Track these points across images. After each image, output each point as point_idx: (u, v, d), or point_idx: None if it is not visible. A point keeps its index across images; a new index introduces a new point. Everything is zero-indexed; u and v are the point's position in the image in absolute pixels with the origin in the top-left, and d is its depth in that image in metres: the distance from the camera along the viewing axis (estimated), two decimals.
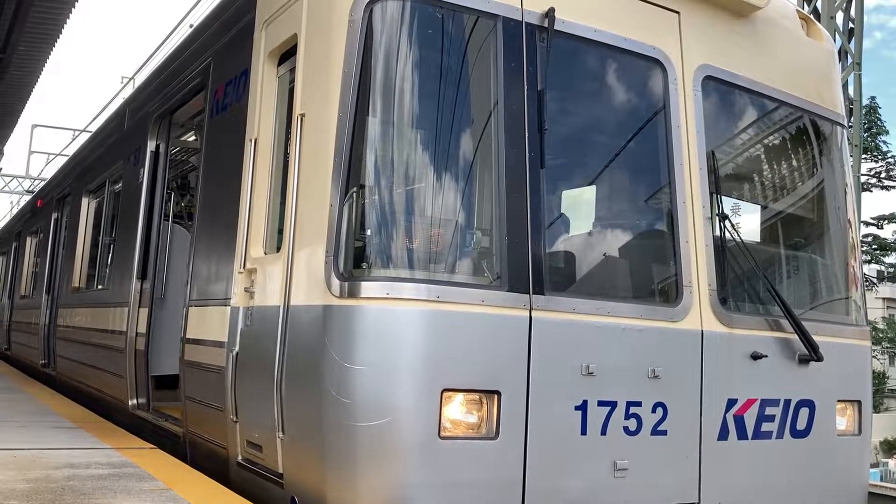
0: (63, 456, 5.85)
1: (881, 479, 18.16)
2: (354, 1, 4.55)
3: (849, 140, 6.74)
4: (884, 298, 54.66)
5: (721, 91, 5.57)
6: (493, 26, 4.68)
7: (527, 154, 4.61)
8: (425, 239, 4.49)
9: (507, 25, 4.70)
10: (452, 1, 4.60)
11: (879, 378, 40.22)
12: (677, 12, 5.38)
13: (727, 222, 5.28)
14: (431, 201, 4.55)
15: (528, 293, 4.46)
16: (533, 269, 4.50)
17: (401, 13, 4.59)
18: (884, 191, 47.62)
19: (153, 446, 6.51)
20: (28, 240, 16.77)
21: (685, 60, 5.34)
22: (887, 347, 45.77)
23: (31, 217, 16.88)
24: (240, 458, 5.23)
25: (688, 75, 5.34)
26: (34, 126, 27.96)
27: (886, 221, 47.78)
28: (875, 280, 48.06)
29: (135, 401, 7.74)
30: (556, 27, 4.78)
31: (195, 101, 7.21)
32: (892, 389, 45.61)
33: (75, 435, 6.96)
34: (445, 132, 4.62)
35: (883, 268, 49.60)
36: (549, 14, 4.77)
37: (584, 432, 4.55)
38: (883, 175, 47.28)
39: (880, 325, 45.12)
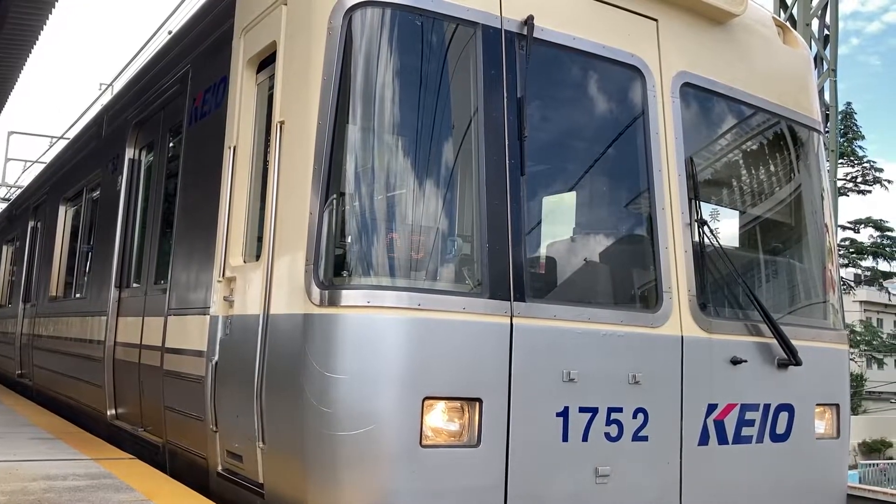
0: (40, 467, 5.77)
1: (860, 481, 18.33)
2: (334, 8, 4.54)
3: (825, 145, 6.81)
4: (861, 302, 55.34)
5: (699, 98, 5.61)
6: (472, 34, 4.69)
7: (507, 161, 4.62)
8: (406, 246, 4.48)
9: (487, 33, 4.71)
10: (432, 9, 4.60)
11: (858, 380, 40.69)
12: (655, 20, 5.41)
13: (706, 228, 5.31)
14: (412, 209, 4.55)
15: (509, 300, 4.46)
16: (514, 276, 4.50)
17: (380, 20, 4.59)
18: (860, 195, 48.29)
19: (132, 457, 6.44)
20: (4, 248, 16.58)
21: (663, 67, 5.38)
22: (865, 350, 46.31)
23: (8, 225, 16.69)
24: (220, 468, 5.19)
25: (666, 82, 5.37)
26: (10, 133, 27.79)
27: (863, 225, 48.44)
28: (852, 283, 48.64)
29: (113, 411, 7.66)
30: (535, 35, 4.80)
31: (174, 108, 7.17)
32: (870, 392, 46.14)
33: (53, 446, 6.88)
34: (425, 139, 4.62)
35: (860, 271, 50.24)
36: (529, 22, 4.79)
37: (565, 439, 4.56)
38: (859, 180, 47.93)
39: (858, 328, 45.65)
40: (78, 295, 9.78)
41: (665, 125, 5.30)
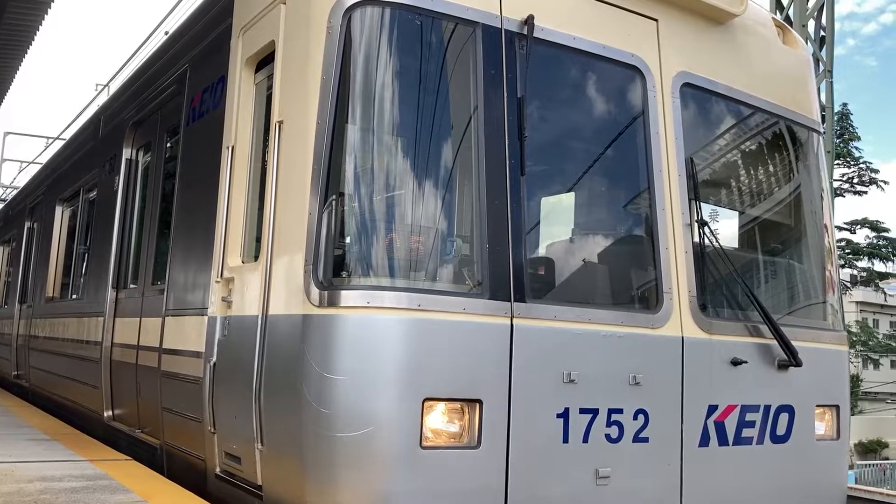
0: (36, 469, 5.74)
1: (856, 482, 18.35)
2: (333, 7, 4.52)
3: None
4: (857, 302, 55.48)
5: (699, 98, 5.60)
6: (472, 33, 4.67)
7: (507, 161, 4.60)
8: (405, 247, 4.46)
9: (487, 32, 4.69)
10: (431, 8, 4.58)
11: (854, 381, 40.80)
12: (655, 20, 5.40)
13: (706, 228, 5.30)
14: (411, 209, 4.53)
15: (510, 301, 4.44)
16: (514, 276, 4.48)
17: (380, 20, 4.57)
18: (856, 196, 48.42)
19: (129, 458, 6.41)
20: (0, 249, 16.53)
21: (663, 67, 5.36)
22: (861, 351, 46.41)
23: (4, 225, 16.65)
24: (218, 469, 5.16)
25: (666, 82, 5.36)
26: (6, 133, 27.67)
27: (859, 226, 48.59)
28: (849, 284, 48.77)
29: (110, 412, 7.63)
30: (535, 34, 4.78)
31: (171, 108, 7.14)
32: (866, 392, 46.24)
33: (49, 447, 6.85)
34: (425, 139, 4.60)
35: (856, 272, 50.39)
36: (529, 21, 4.77)
37: (565, 440, 4.54)
38: (855, 180, 48.08)
39: (854, 329, 45.73)
40: (75, 296, 9.74)
41: (665, 125, 5.29)
